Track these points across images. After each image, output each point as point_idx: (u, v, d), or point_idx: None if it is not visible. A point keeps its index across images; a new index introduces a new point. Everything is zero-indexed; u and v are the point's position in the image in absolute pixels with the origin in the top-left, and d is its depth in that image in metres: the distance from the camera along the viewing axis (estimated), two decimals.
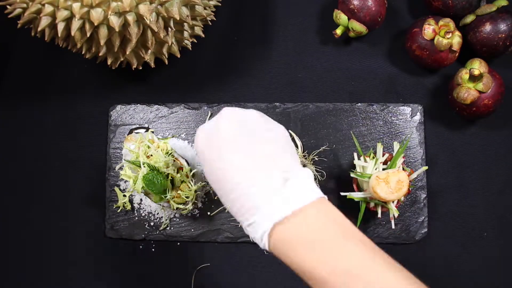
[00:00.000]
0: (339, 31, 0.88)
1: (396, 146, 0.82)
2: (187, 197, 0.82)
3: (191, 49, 0.88)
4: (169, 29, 0.77)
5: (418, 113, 0.87)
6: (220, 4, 0.86)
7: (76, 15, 0.70)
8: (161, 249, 0.88)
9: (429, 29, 0.83)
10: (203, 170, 0.87)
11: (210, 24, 0.89)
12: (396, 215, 0.79)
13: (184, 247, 0.87)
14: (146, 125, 0.89)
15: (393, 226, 0.81)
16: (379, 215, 0.81)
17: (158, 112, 0.90)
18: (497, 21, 0.83)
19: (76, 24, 0.71)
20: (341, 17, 0.86)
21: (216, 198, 0.87)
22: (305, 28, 0.92)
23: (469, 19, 0.86)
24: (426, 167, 0.82)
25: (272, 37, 0.92)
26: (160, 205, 0.85)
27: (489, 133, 0.88)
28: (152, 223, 0.87)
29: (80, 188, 0.89)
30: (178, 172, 0.83)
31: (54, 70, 0.93)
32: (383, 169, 0.80)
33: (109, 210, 0.88)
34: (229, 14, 0.93)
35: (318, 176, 0.87)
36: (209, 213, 0.87)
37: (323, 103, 0.89)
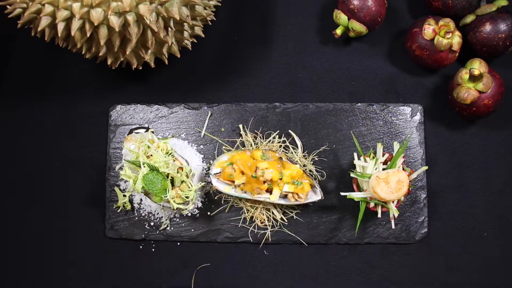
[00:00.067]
0: (339, 31, 0.88)
1: (396, 146, 0.82)
2: (187, 197, 0.82)
3: (191, 49, 0.88)
4: (169, 29, 0.77)
5: (418, 113, 0.87)
6: (220, 4, 0.86)
7: (76, 15, 0.70)
8: (161, 249, 0.87)
9: (429, 29, 0.83)
10: (202, 169, 0.87)
11: (210, 24, 0.89)
12: (396, 215, 0.79)
13: (184, 247, 0.87)
14: (146, 125, 0.89)
15: (393, 226, 0.81)
16: (379, 215, 0.81)
17: (158, 112, 0.90)
18: (497, 21, 0.83)
19: (76, 24, 0.71)
20: (341, 17, 0.86)
21: (216, 198, 0.87)
22: (305, 28, 0.92)
23: (469, 19, 0.86)
24: (426, 167, 0.82)
25: (272, 37, 0.92)
26: (160, 205, 0.85)
27: (489, 133, 0.88)
28: (152, 223, 0.87)
29: (80, 188, 0.89)
30: (178, 172, 0.83)
31: (54, 70, 0.93)
32: (383, 169, 0.81)
33: (109, 210, 0.88)
34: (229, 14, 0.93)
35: (318, 176, 0.87)
36: (209, 213, 0.87)
37: (323, 103, 0.89)
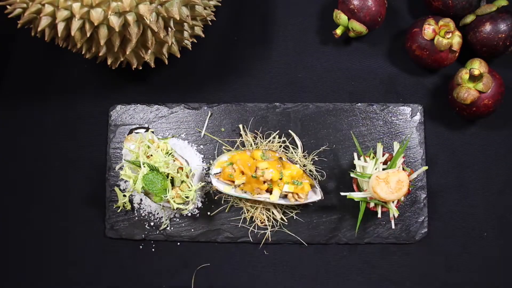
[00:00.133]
0: (339, 31, 0.88)
1: (396, 146, 0.82)
2: (187, 197, 0.82)
3: (191, 49, 0.88)
4: (169, 29, 0.77)
5: (418, 113, 0.87)
6: (220, 4, 0.86)
7: (76, 15, 0.70)
8: (161, 249, 0.87)
9: (429, 29, 0.83)
10: (202, 169, 0.87)
11: (210, 24, 0.89)
12: (396, 215, 0.79)
13: (184, 247, 0.87)
14: (146, 125, 0.89)
15: (393, 226, 0.81)
16: (379, 215, 0.81)
17: (158, 112, 0.90)
18: (497, 21, 0.83)
19: (76, 24, 0.71)
20: (341, 17, 0.86)
21: (216, 198, 0.87)
22: (305, 28, 0.92)
23: (469, 19, 0.86)
24: (426, 167, 0.82)
25: (272, 37, 0.92)
26: (160, 205, 0.85)
27: (489, 133, 0.88)
28: (152, 223, 0.87)
29: (80, 188, 0.89)
30: (178, 172, 0.83)
31: (54, 70, 0.93)
32: (383, 169, 0.80)
33: (109, 210, 0.88)
34: (229, 14, 0.93)
35: (318, 176, 0.87)
36: (209, 213, 0.87)
37: (323, 103, 0.89)
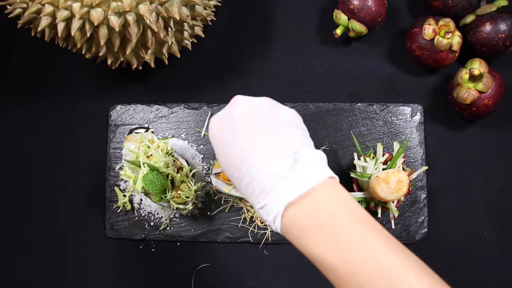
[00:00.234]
0: (339, 31, 0.88)
1: (396, 146, 0.82)
2: (187, 197, 0.82)
3: (191, 49, 0.88)
4: (169, 29, 0.77)
5: (418, 113, 0.87)
6: (220, 4, 0.86)
7: (76, 15, 0.70)
8: (161, 249, 0.88)
9: (429, 29, 0.83)
10: (202, 169, 0.87)
11: (210, 24, 0.89)
12: (396, 215, 0.79)
13: (184, 247, 0.87)
14: (146, 125, 0.89)
15: (393, 226, 0.81)
16: (379, 215, 0.81)
17: (158, 112, 0.90)
18: (497, 21, 0.83)
19: (76, 24, 0.71)
20: (341, 17, 0.86)
21: (216, 198, 0.87)
22: (305, 28, 0.92)
23: (469, 19, 0.86)
24: (426, 167, 0.82)
25: (272, 37, 0.92)
26: (160, 205, 0.85)
27: (489, 133, 0.88)
28: (152, 223, 0.87)
29: (80, 188, 0.89)
30: (178, 172, 0.83)
31: (54, 70, 0.93)
32: (383, 169, 0.81)
33: (109, 210, 0.88)
34: (229, 14, 0.93)
35: None
36: (209, 213, 0.87)
37: (323, 103, 0.89)
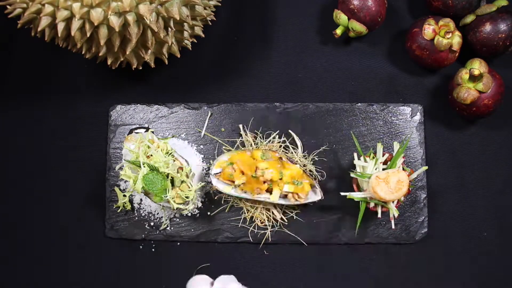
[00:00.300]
0: (339, 31, 0.88)
1: (396, 146, 0.82)
2: (187, 197, 0.82)
3: (191, 49, 0.88)
4: (169, 29, 0.77)
5: (418, 113, 0.87)
6: (220, 4, 0.86)
7: (76, 15, 0.70)
8: (161, 249, 0.87)
9: (429, 29, 0.83)
10: (202, 169, 0.87)
11: (210, 24, 0.89)
12: (396, 215, 0.79)
13: (184, 247, 0.87)
14: (146, 125, 0.89)
15: (393, 226, 0.81)
16: (379, 215, 0.81)
17: (158, 112, 0.90)
18: (497, 21, 0.83)
19: (76, 24, 0.71)
20: (341, 17, 0.86)
21: (216, 198, 0.87)
22: (305, 28, 0.92)
23: (469, 19, 0.86)
24: (426, 167, 0.82)
25: (272, 37, 0.92)
26: (160, 205, 0.85)
27: (489, 133, 0.88)
28: (152, 223, 0.87)
29: (80, 188, 0.89)
30: (178, 172, 0.83)
31: (54, 70, 0.93)
32: (383, 169, 0.80)
33: (109, 210, 0.88)
34: (229, 14, 0.93)
35: (318, 176, 0.87)
36: (209, 213, 0.87)
37: (323, 103, 0.89)
